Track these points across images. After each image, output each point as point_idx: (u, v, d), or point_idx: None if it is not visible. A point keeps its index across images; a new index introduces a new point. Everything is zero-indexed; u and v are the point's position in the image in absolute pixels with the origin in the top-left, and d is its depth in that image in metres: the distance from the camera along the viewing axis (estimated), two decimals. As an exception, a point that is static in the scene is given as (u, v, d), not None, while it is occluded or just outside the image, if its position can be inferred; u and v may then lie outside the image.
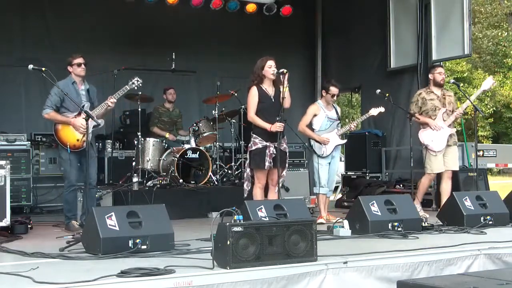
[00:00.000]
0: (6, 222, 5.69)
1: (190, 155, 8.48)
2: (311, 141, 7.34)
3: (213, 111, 9.18)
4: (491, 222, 6.34)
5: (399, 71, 10.26)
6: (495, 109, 26.80)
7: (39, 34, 9.71)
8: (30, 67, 5.99)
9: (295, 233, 4.27)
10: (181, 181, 8.27)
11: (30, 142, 8.69)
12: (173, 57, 9.54)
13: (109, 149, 9.10)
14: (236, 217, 4.18)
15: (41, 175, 8.78)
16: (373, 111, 7.57)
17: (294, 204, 5.61)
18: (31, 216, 7.50)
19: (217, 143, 9.32)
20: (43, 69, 5.96)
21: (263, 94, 6.37)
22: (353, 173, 10.52)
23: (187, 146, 8.62)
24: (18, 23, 9.59)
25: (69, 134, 6.47)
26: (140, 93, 8.60)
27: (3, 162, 5.73)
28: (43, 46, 9.63)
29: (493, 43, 27.83)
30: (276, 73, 6.30)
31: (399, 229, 5.84)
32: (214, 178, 8.75)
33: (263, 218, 5.16)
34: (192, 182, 8.46)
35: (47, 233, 6.41)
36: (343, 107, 20.89)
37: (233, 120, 9.38)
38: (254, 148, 6.35)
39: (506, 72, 27.72)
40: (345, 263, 4.36)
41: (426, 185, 7.71)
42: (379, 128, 10.47)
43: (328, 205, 7.57)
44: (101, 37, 9.97)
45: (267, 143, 6.29)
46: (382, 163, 10.39)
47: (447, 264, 4.72)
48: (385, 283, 4.44)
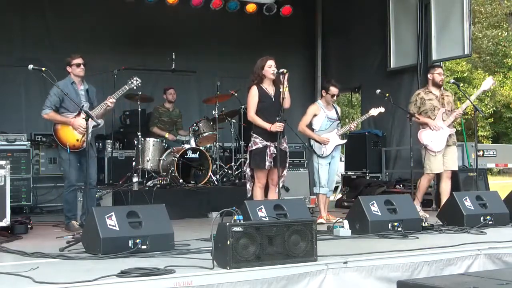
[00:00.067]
0: (6, 222, 5.69)
1: (190, 155, 8.47)
2: (311, 141, 7.34)
3: (213, 111, 9.18)
4: (491, 222, 6.33)
5: (399, 71, 10.26)
6: (495, 109, 26.80)
7: (39, 34, 9.70)
8: (30, 67, 5.99)
9: (295, 233, 4.26)
10: (181, 181, 8.27)
11: (30, 142, 8.69)
12: (173, 57, 9.55)
13: (109, 149, 9.10)
14: (236, 217, 4.18)
15: (41, 175, 8.78)
16: (373, 111, 7.57)
17: (294, 204, 5.61)
18: (31, 216, 7.50)
19: (217, 143, 9.31)
20: (43, 69, 5.96)
21: (263, 94, 6.36)
22: (353, 173, 10.51)
23: (187, 146, 8.61)
24: (18, 23, 9.59)
25: (69, 134, 6.47)
26: (140, 93, 8.60)
27: (3, 162, 5.73)
28: (43, 46, 9.63)
29: (493, 43, 27.83)
30: (276, 73, 6.29)
31: (399, 229, 5.83)
32: (214, 178, 8.74)
33: (263, 218, 5.16)
34: (192, 182, 8.46)
35: (47, 233, 6.40)
36: (343, 107, 20.88)
37: (233, 120, 9.38)
38: (254, 147, 6.35)
39: (506, 72, 27.72)
40: (345, 263, 4.36)
41: (425, 185, 7.71)
42: (379, 128, 10.46)
43: (328, 205, 7.56)
44: (101, 37, 9.97)
45: (268, 143, 6.29)
46: (382, 163, 10.38)
47: (447, 264, 4.72)
48: (385, 283, 4.44)
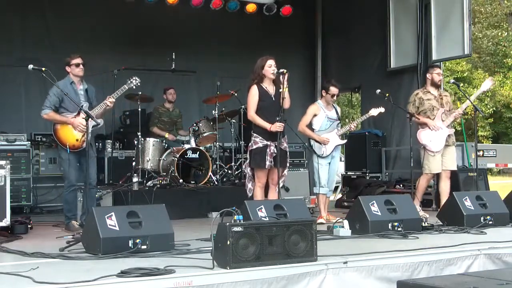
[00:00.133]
0: (6, 222, 5.69)
1: (190, 155, 8.47)
2: (311, 141, 7.34)
3: (213, 111, 9.18)
4: (491, 222, 6.33)
5: (399, 71, 10.26)
6: (495, 109, 26.80)
7: (39, 34, 9.70)
8: (30, 67, 5.99)
9: (295, 233, 4.26)
10: (181, 181, 8.27)
11: (30, 142, 8.69)
12: (173, 57, 9.55)
13: (109, 149, 9.09)
14: (236, 217, 4.17)
15: (41, 175, 8.78)
16: (373, 111, 7.56)
17: (294, 204, 5.61)
18: (31, 216, 7.50)
19: (217, 143, 9.31)
20: (43, 69, 5.95)
21: (264, 93, 6.36)
22: (353, 173, 10.51)
23: (187, 146, 8.61)
24: (18, 23, 9.58)
25: (69, 134, 6.47)
26: (140, 93, 8.61)
27: (3, 162, 5.73)
28: (43, 46, 9.63)
29: (493, 43, 27.83)
30: (276, 73, 6.29)
31: (399, 229, 5.83)
32: (214, 178, 8.74)
33: (263, 218, 5.16)
34: (192, 182, 8.46)
35: (47, 233, 6.40)
36: (343, 107, 20.88)
37: (233, 120, 9.37)
38: (254, 147, 6.35)
39: (506, 72, 27.72)
40: (345, 263, 4.36)
41: (424, 185, 7.71)
42: (379, 128, 10.46)
43: (328, 205, 7.56)
44: (101, 37, 9.97)
45: (268, 142, 6.28)
46: (382, 163, 10.38)
47: (447, 264, 4.72)
48: (385, 283, 4.44)
